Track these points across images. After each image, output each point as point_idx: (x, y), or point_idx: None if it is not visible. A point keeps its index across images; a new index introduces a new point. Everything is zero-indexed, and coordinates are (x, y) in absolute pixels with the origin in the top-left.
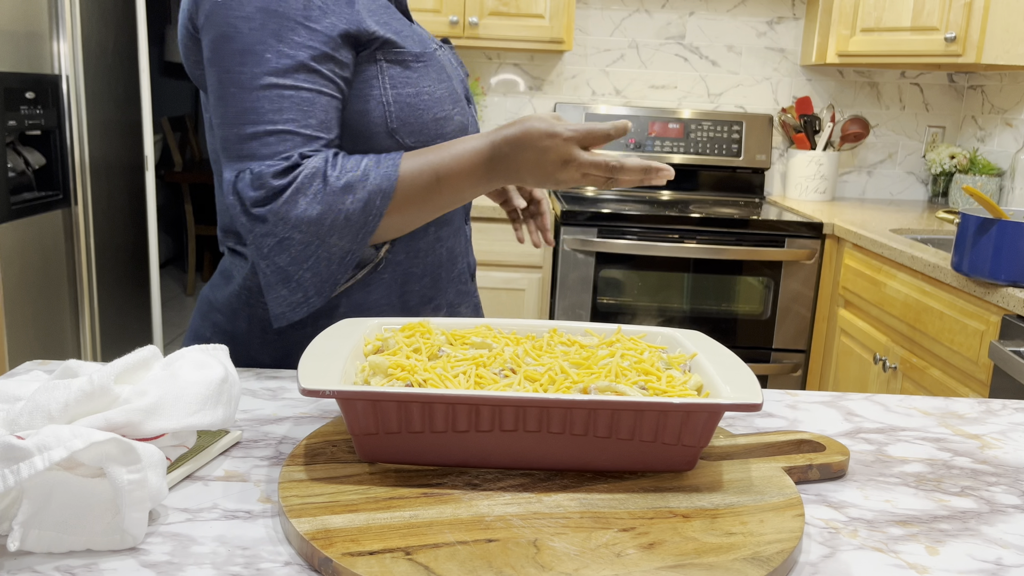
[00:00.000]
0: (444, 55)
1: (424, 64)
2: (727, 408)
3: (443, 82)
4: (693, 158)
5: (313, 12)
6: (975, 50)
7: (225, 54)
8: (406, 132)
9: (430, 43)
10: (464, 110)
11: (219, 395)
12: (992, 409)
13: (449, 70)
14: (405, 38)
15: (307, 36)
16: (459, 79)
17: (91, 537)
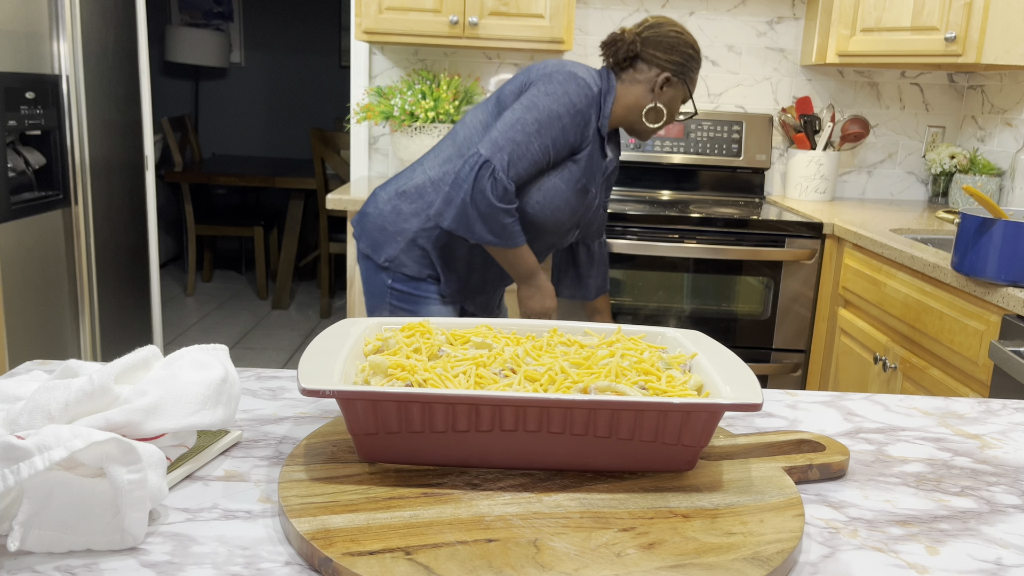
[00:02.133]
0: (592, 191)
1: (582, 186)
2: (727, 408)
3: (578, 200)
4: (693, 158)
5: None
6: (975, 50)
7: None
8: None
9: (591, 187)
10: (584, 215)
11: (219, 395)
12: (992, 409)
13: (588, 201)
14: (590, 175)
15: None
16: (586, 206)
17: (91, 537)
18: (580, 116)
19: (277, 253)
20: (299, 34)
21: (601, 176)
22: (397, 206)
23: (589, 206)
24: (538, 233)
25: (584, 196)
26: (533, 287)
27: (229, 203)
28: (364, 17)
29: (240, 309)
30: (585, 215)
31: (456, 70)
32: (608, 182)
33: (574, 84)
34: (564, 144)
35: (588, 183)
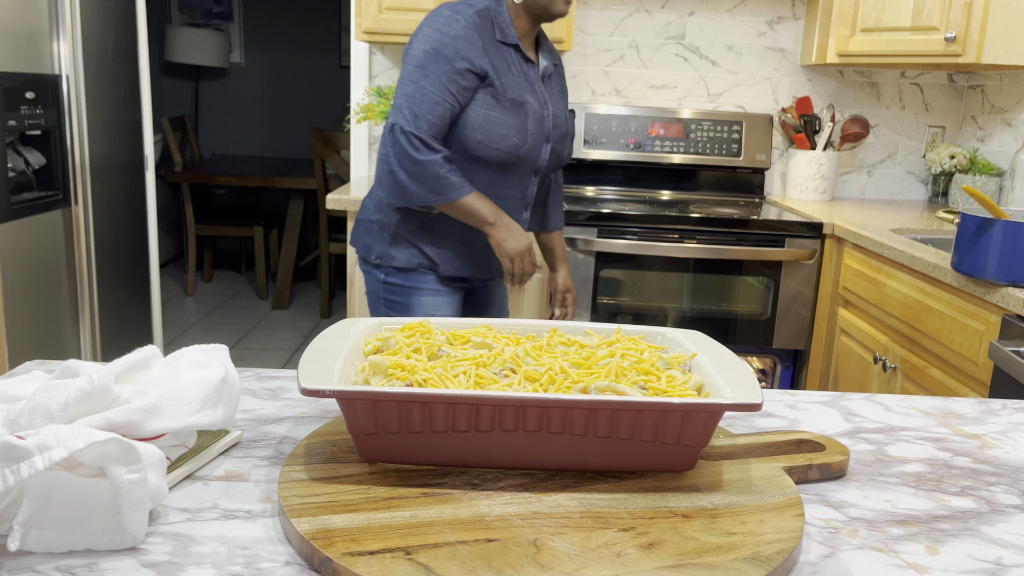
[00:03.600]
0: (536, 107)
1: (508, 103)
2: (727, 408)
3: (517, 119)
4: (693, 158)
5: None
6: (975, 50)
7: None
8: (477, 135)
9: (527, 97)
10: (524, 139)
11: (219, 395)
12: (992, 409)
13: (531, 115)
14: (507, 86)
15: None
16: (543, 125)
17: (91, 537)
18: (461, 41)
19: (277, 253)
20: (299, 34)
21: (539, 84)
22: (378, 203)
23: (541, 118)
24: (505, 170)
25: (522, 110)
26: (501, 228)
27: (229, 203)
28: (364, 17)
29: (240, 309)
30: (544, 128)
31: None
32: (554, 88)
33: (440, 18)
34: (460, 73)
35: (520, 96)
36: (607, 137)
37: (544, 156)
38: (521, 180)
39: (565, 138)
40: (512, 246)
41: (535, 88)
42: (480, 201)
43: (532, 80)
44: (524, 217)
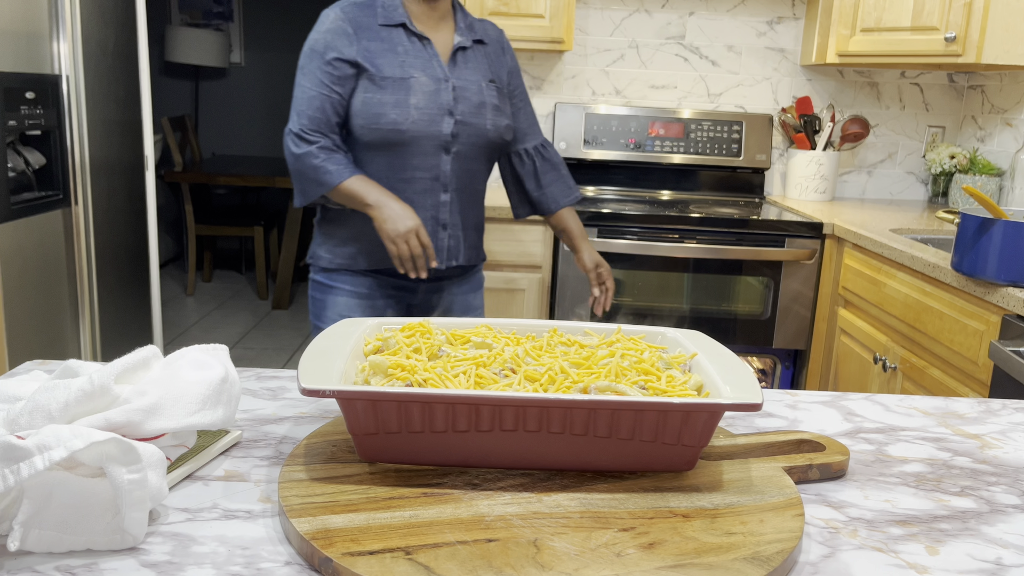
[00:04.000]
0: (428, 81)
1: (386, 81)
2: (727, 408)
3: (396, 95)
4: (693, 158)
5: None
6: (975, 50)
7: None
8: (359, 119)
9: (411, 72)
10: (407, 113)
11: (219, 395)
12: (992, 409)
13: (418, 89)
14: (381, 66)
15: (322, 62)
16: (440, 98)
17: (91, 537)
18: (330, 34)
19: (277, 253)
20: (299, 34)
21: (438, 59)
22: None
23: (434, 91)
24: (399, 150)
25: (405, 86)
26: (382, 209)
27: (229, 203)
28: None
29: (240, 309)
30: (441, 100)
31: None
32: (471, 62)
33: (319, 22)
34: (330, 64)
35: (403, 72)
36: (607, 137)
37: (447, 130)
38: (427, 159)
39: (482, 109)
40: (392, 227)
41: (430, 63)
42: (360, 183)
43: (426, 56)
44: (443, 199)
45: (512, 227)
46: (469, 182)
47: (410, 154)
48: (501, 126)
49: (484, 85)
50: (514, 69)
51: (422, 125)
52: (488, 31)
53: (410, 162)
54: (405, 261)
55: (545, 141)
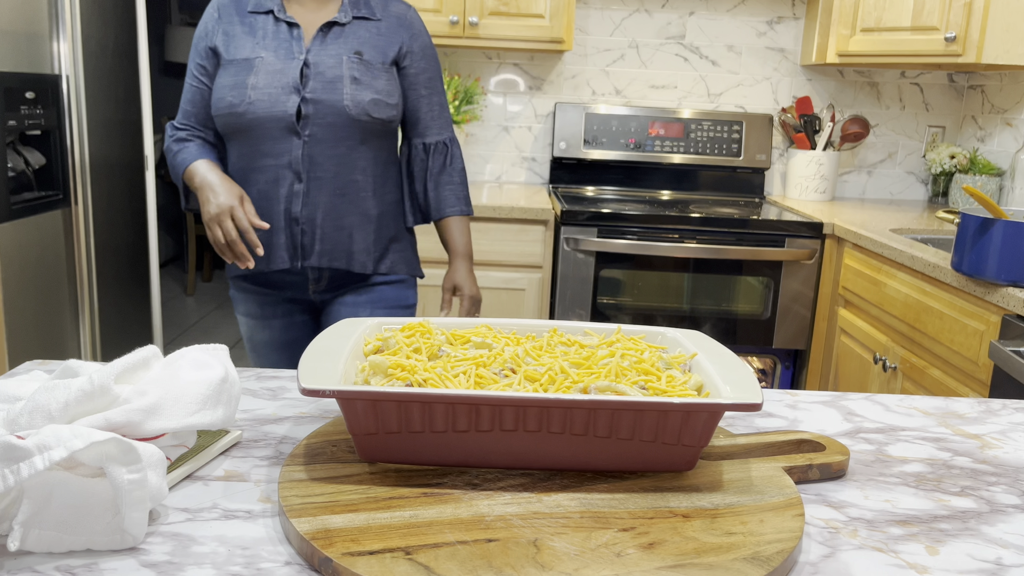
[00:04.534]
0: (274, 60)
1: (230, 64)
2: (727, 408)
3: (237, 76)
4: (693, 158)
5: (196, 39)
6: (975, 50)
7: None
8: (212, 108)
9: (259, 53)
10: (244, 94)
11: (219, 395)
12: (992, 409)
13: (261, 69)
14: (234, 49)
15: (193, 53)
16: (287, 76)
17: (91, 537)
18: (202, 26)
19: None
20: None
21: (299, 41)
22: None
23: (278, 70)
24: (245, 136)
25: (246, 66)
26: (203, 191)
27: None
28: None
29: None
30: (287, 79)
31: (456, 70)
32: (342, 39)
33: None
34: (200, 54)
35: (250, 53)
36: (607, 137)
37: (291, 110)
38: (277, 145)
39: (337, 84)
40: (206, 209)
41: (286, 44)
42: (196, 168)
43: (287, 38)
44: (296, 189)
45: (512, 227)
46: (336, 171)
47: (257, 139)
48: (364, 101)
49: (346, 58)
50: (419, 51)
51: (262, 106)
52: (390, 8)
53: (259, 148)
54: (221, 249)
55: (452, 140)
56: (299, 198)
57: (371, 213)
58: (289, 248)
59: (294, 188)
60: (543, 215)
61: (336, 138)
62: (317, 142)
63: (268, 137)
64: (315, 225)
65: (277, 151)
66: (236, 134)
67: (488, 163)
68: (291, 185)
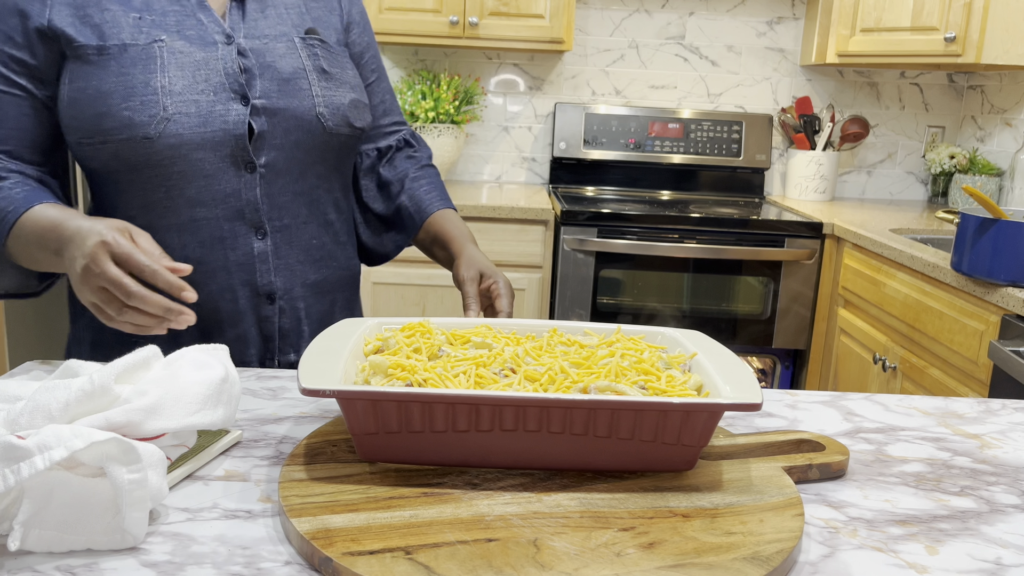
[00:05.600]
0: (187, 48)
1: (107, 57)
2: (727, 408)
3: (125, 76)
4: (693, 158)
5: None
6: (975, 50)
7: None
8: (71, 129)
9: (155, 35)
10: (155, 104)
11: (219, 395)
12: (992, 409)
13: (171, 62)
14: (106, 30)
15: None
16: (221, 73)
17: (91, 537)
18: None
19: None
20: None
21: (205, 12)
22: None
23: (200, 61)
24: (148, 177)
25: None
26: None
27: None
28: None
29: None
30: (216, 76)
31: (456, 70)
32: (254, 13)
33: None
34: (9, 44)
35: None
36: (607, 137)
37: (241, 128)
38: (215, 184)
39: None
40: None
41: (193, 16)
42: (39, 220)
43: (186, 7)
44: (259, 248)
45: (512, 227)
46: (308, 214)
47: (180, 179)
48: (343, 105)
49: (298, 40)
50: (360, 20)
51: (188, 124)
52: None
53: (183, 193)
54: (124, 321)
55: (413, 133)
56: (267, 262)
57: (353, 266)
58: (258, 343)
59: (255, 248)
60: (543, 215)
61: (304, 164)
62: (278, 174)
63: (199, 173)
64: (296, 298)
65: (217, 194)
66: (137, 172)
67: (488, 163)
68: (249, 244)
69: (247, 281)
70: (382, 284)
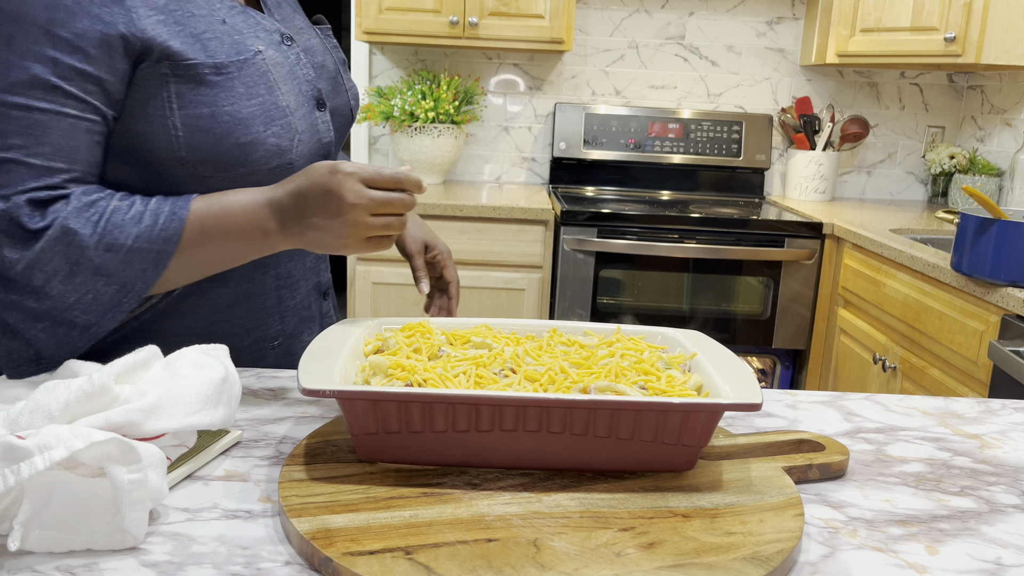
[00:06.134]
0: (278, 55)
1: (228, 76)
2: (727, 408)
3: (256, 96)
4: (693, 158)
5: (58, 14)
6: (975, 50)
7: None
8: (198, 161)
9: (252, 43)
10: (286, 126)
11: (219, 395)
12: (992, 409)
13: (277, 75)
14: (208, 42)
15: (48, 44)
16: (298, 81)
17: (91, 537)
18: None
19: None
20: None
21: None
22: None
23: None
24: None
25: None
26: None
27: None
28: (364, 17)
29: None
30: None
31: (456, 70)
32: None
33: None
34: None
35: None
36: (607, 137)
37: (327, 135)
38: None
39: (337, 77)
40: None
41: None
42: (230, 205)
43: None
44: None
45: (512, 227)
46: None
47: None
48: (358, 94)
49: (318, 31)
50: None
51: (309, 142)
52: None
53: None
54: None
55: None
56: (324, 262)
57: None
58: None
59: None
60: (543, 215)
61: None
62: None
63: None
64: (331, 295)
65: None
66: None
67: (488, 163)
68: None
69: (316, 284)
70: (382, 284)
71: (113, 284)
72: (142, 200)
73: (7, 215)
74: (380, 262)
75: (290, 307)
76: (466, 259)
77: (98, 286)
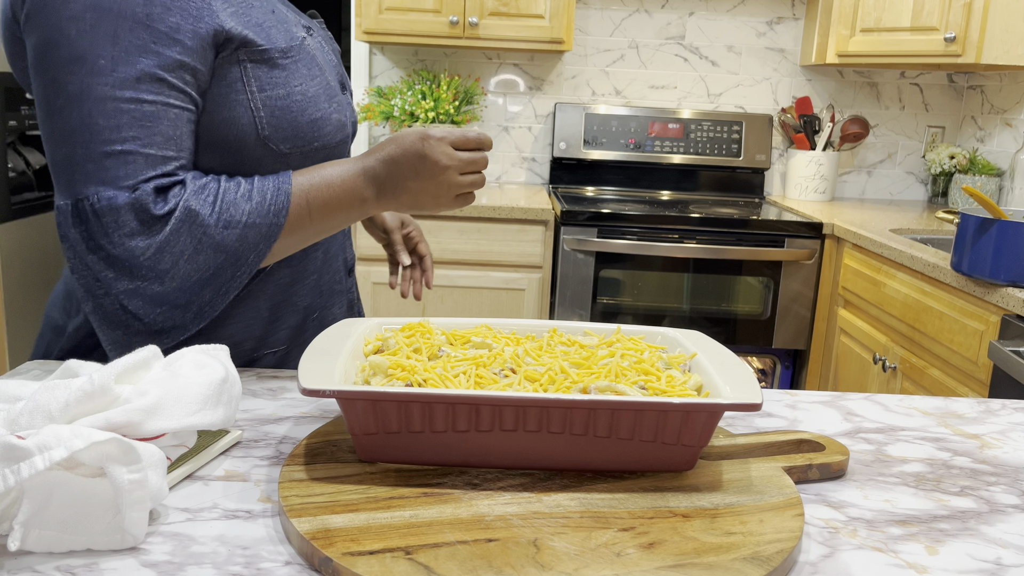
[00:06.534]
0: (313, 42)
1: (293, 59)
2: (727, 408)
3: (315, 77)
4: (693, 158)
5: (155, 9)
6: (975, 50)
7: (51, 62)
8: (280, 139)
9: (296, 31)
10: (341, 103)
11: (219, 395)
12: (992, 409)
13: (320, 58)
14: (269, 30)
15: (149, 39)
16: (331, 65)
17: (91, 537)
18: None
19: None
20: None
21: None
22: None
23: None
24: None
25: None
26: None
27: None
28: (364, 17)
29: None
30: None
31: (456, 70)
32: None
33: None
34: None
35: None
36: (607, 137)
37: (353, 113)
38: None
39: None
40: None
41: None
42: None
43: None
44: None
45: (512, 227)
46: None
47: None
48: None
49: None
50: None
51: (349, 122)
52: None
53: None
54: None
55: None
56: (349, 239)
57: None
58: (354, 305)
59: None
60: (543, 215)
61: None
62: None
63: None
64: (354, 271)
65: None
66: None
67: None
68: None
69: (344, 260)
70: (382, 284)
71: (231, 260)
72: (246, 180)
73: (137, 203)
74: (380, 262)
75: (326, 281)
76: (466, 259)
77: (218, 262)
